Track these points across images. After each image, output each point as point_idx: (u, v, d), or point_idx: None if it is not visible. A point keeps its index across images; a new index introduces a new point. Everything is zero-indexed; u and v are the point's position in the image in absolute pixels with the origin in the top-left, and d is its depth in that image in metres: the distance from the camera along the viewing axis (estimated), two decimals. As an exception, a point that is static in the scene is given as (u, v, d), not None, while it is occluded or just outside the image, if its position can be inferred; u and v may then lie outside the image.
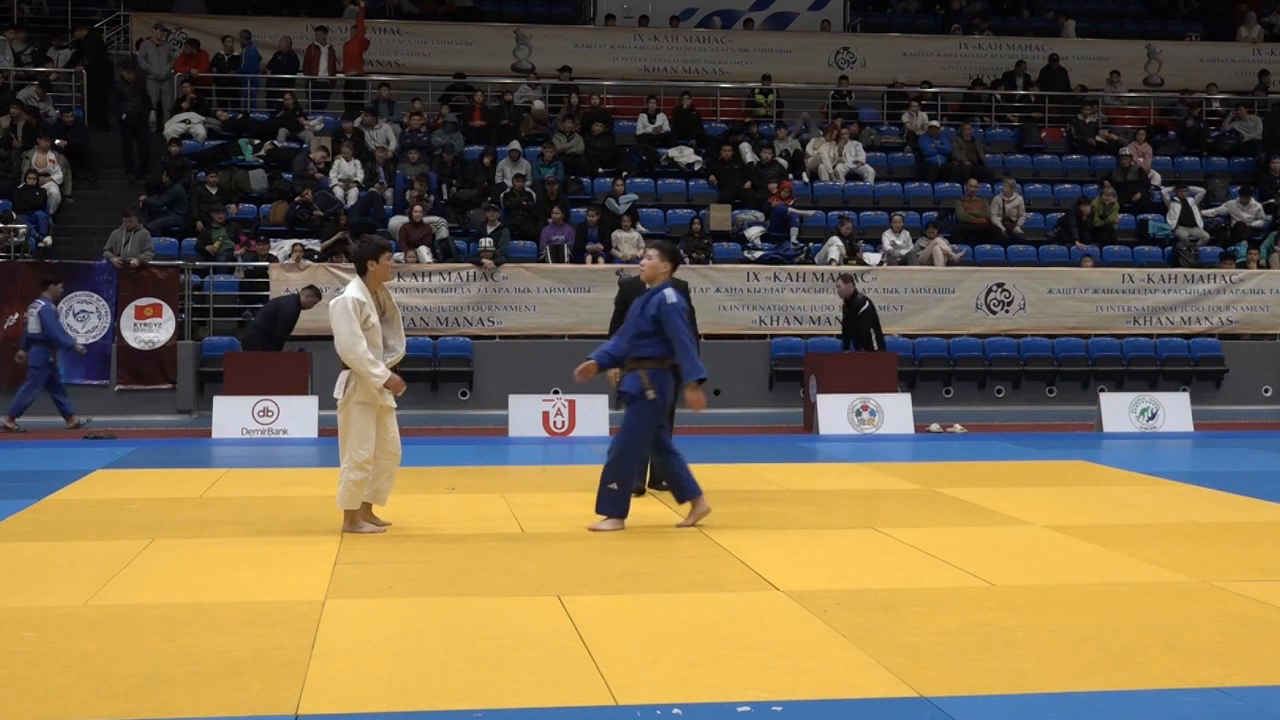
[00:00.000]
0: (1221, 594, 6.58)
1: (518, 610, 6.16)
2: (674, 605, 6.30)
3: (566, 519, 8.63)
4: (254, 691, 4.88)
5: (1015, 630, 5.82)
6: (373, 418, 8.21)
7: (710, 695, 4.86)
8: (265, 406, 14.82)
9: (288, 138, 20.43)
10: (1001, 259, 19.57)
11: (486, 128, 21.06)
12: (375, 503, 8.46)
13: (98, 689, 4.91)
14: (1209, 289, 19.08)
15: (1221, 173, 22.38)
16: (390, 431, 8.35)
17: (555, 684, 5.00)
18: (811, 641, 5.64)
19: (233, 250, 17.83)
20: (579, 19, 25.32)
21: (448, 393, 17.47)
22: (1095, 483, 11.12)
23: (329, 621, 5.93)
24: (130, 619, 6.00)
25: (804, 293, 18.28)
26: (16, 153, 19.14)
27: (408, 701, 4.78)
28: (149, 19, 22.38)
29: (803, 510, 9.36)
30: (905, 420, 15.60)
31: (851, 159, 21.44)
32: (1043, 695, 4.90)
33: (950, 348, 18.46)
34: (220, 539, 8.09)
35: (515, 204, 19.07)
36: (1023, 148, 22.81)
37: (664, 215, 20.01)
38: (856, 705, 4.81)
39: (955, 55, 24.79)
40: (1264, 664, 5.34)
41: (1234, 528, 8.67)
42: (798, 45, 24.46)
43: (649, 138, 21.57)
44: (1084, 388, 18.37)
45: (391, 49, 23.21)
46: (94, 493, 10.14)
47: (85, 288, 16.98)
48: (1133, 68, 24.69)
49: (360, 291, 8.14)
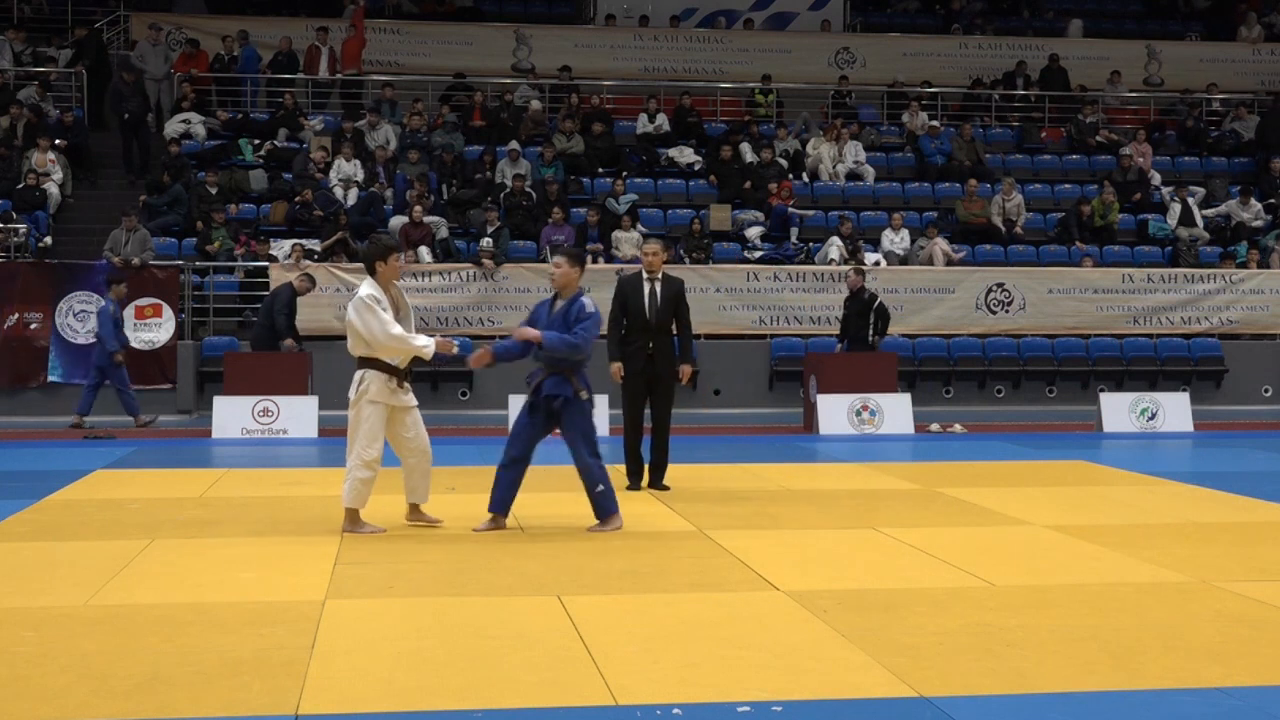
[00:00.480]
0: (1221, 594, 6.58)
1: (518, 610, 6.16)
2: (674, 605, 6.30)
3: (566, 519, 8.63)
4: (254, 691, 4.88)
5: (1015, 630, 5.82)
6: (382, 418, 8.20)
7: (710, 695, 4.86)
8: (265, 406, 14.82)
9: (288, 138, 20.44)
10: (1001, 259, 19.57)
11: (486, 128, 21.06)
12: (416, 501, 8.50)
13: (98, 689, 4.91)
14: (1209, 289, 19.08)
15: (1221, 173, 22.38)
16: (410, 430, 8.33)
17: (555, 684, 5.00)
18: (811, 641, 5.64)
19: (233, 250, 17.83)
20: (579, 19, 25.32)
21: (448, 393, 17.46)
22: (1095, 483, 11.12)
23: (329, 621, 5.93)
24: (130, 619, 5.99)
25: (804, 293, 18.28)
26: (17, 153, 19.14)
27: (408, 701, 4.78)
28: (149, 19, 22.38)
29: (803, 510, 9.35)
30: (905, 420, 15.59)
31: (851, 159, 21.44)
32: (1043, 695, 4.90)
33: (950, 348, 18.46)
34: (220, 539, 8.09)
35: (515, 204, 19.07)
36: (1023, 148, 22.81)
37: (664, 215, 20.01)
38: (856, 705, 4.81)
39: (955, 55, 24.79)
40: (1264, 664, 5.35)
41: (1234, 528, 8.67)
42: (798, 45, 24.46)
43: (649, 138, 21.58)
44: (1084, 388, 18.37)
45: (391, 49, 23.22)
46: (94, 493, 10.13)
47: (85, 288, 16.98)
48: (1133, 68, 24.69)
49: (373, 289, 8.18)
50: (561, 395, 8.25)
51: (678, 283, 10.47)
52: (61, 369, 16.86)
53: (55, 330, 16.91)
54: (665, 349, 10.28)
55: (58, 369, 16.86)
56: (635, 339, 10.24)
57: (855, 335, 15.94)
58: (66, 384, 16.78)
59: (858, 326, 15.90)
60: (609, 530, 8.34)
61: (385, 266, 8.24)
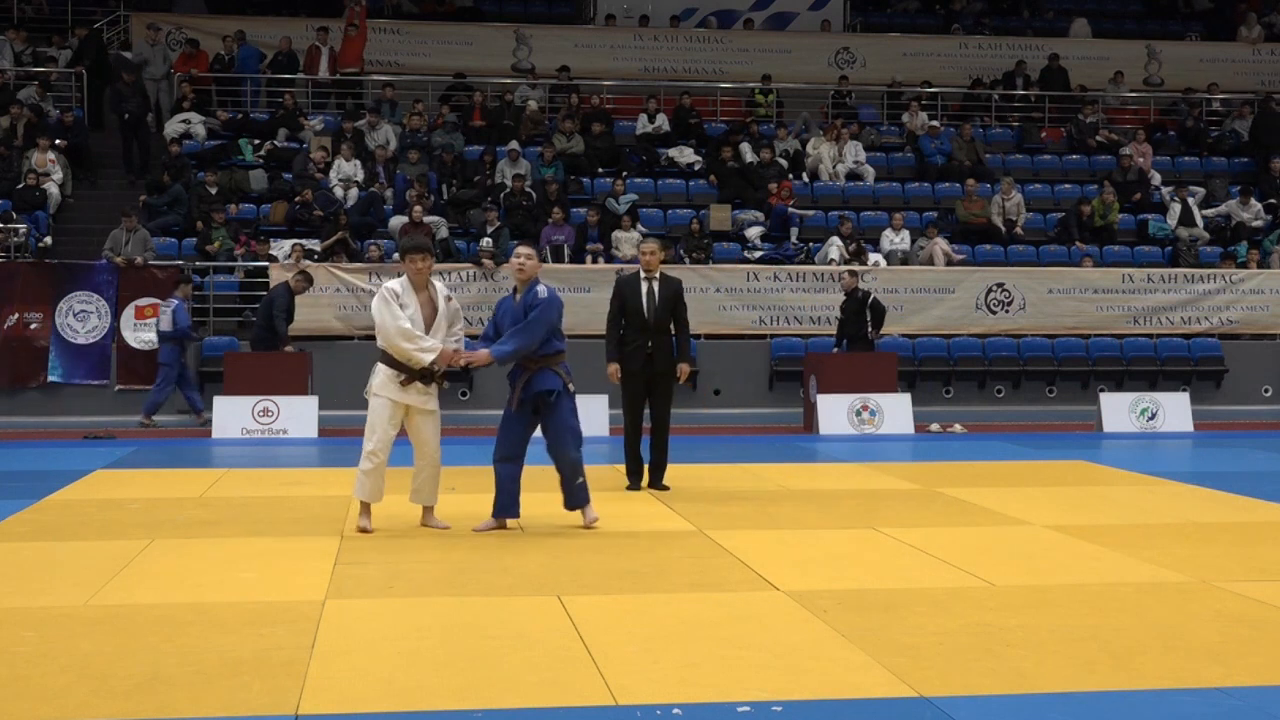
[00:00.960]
0: (1221, 594, 6.58)
1: (518, 610, 6.16)
2: (674, 605, 6.30)
3: (567, 519, 8.62)
4: (254, 691, 4.88)
5: (1015, 630, 5.82)
6: (386, 412, 8.16)
7: (710, 695, 4.86)
8: (265, 406, 14.82)
9: (288, 138, 20.43)
10: (1001, 259, 19.56)
11: (486, 128, 21.05)
12: (418, 503, 8.46)
13: (98, 689, 4.91)
14: (1209, 289, 19.07)
15: (1221, 173, 22.38)
16: (420, 435, 8.27)
17: (555, 684, 5.00)
18: (811, 641, 5.64)
19: (233, 250, 17.82)
20: (579, 19, 25.31)
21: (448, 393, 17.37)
22: (1095, 483, 11.12)
23: (329, 621, 5.93)
24: (130, 619, 6.00)
25: (804, 293, 18.28)
26: (17, 153, 19.13)
27: (408, 701, 4.78)
28: (149, 19, 22.37)
29: (803, 510, 9.35)
30: (905, 420, 15.60)
31: (851, 159, 21.43)
32: (1043, 695, 4.90)
33: (950, 348, 18.45)
34: (220, 539, 8.09)
35: (515, 204, 19.07)
36: (1023, 148, 22.80)
37: (664, 215, 20.00)
38: (856, 705, 4.81)
39: (955, 55, 24.78)
40: (1264, 664, 5.35)
41: (1234, 528, 8.67)
42: (798, 45, 24.44)
43: (649, 138, 21.57)
44: (1084, 388, 18.36)
45: (391, 49, 23.21)
46: (94, 493, 10.14)
47: (85, 288, 16.98)
48: (1133, 68, 24.67)
49: (397, 283, 8.16)
50: (555, 390, 8.27)
51: (676, 282, 10.48)
52: (61, 369, 16.86)
53: (55, 330, 16.90)
54: (664, 349, 10.28)
55: (58, 369, 16.85)
56: (634, 339, 10.24)
57: (854, 335, 15.99)
58: (66, 384, 16.79)
59: (855, 326, 15.94)
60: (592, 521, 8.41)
61: (404, 264, 8.21)
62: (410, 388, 8.14)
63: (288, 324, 15.48)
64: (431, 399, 8.25)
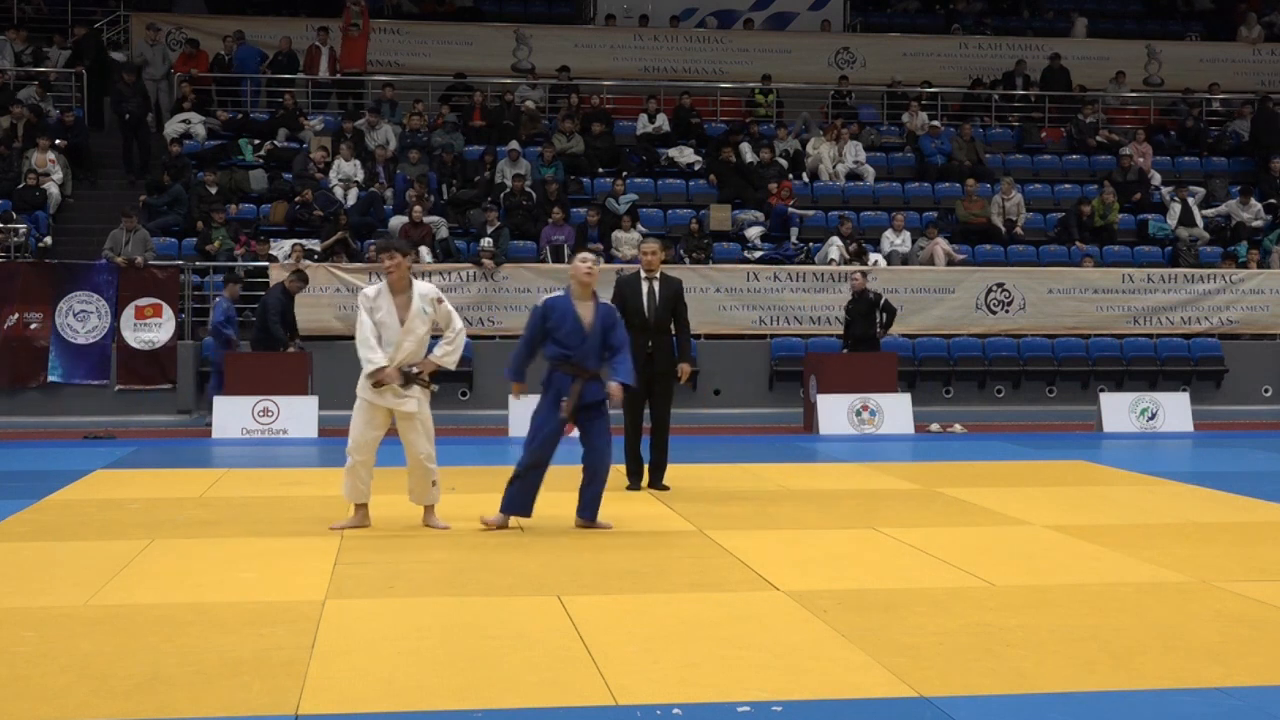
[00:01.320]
0: (1221, 594, 6.58)
1: (518, 610, 6.16)
2: (674, 605, 6.30)
3: (566, 519, 8.63)
4: (254, 691, 4.88)
5: (1015, 630, 5.82)
6: (367, 412, 8.26)
7: (710, 695, 4.86)
8: (265, 406, 14.82)
9: (288, 138, 20.43)
10: (1001, 259, 19.56)
11: (486, 128, 21.05)
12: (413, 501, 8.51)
13: (98, 689, 4.91)
14: (1209, 289, 19.07)
15: (1221, 173, 22.37)
16: (406, 435, 8.33)
17: (555, 684, 5.00)
18: (811, 641, 5.64)
19: (233, 250, 17.82)
20: (579, 19, 25.31)
21: (448, 393, 17.42)
22: (1095, 483, 11.12)
23: (329, 621, 5.94)
24: (130, 619, 6.00)
25: (804, 293, 18.27)
26: (16, 153, 19.13)
27: (408, 701, 4.78)
28: (148, 19, 22.37)
29: (803, 510, 9.35)
30: (905, 420, 15.60)
31: (851, 159, 21.43)
32: (1043, 695, 4.90)
33: (950, 348, 18.45)
34: (220, 539, 8.09)
35: (515, 204, 19.06)
36: (1023, 148, 22.79)
37: (664, 215, 20.00)
38: (856, 705, 4.81)
39: (955, 55, 24.77)
40: (1264, 664, 5.35)
41: (1234, 528, 8.67)
42: (798, 45, 24.44)
43: (649, 138, 21.57)
44: (1084, 388, 18.36)
45: (391, 49, 23.20)
46: (94, 493, 10.14)
47: (85, 288, 16.97)
48: (1133, 68, 24.66)
49: (373, 288, 8.25)
50: (603, 400, 8.44)
51: (676, 282, 10.48)
52: (61, 369, 16.85)
53: (55, 330, 16.89)
54: (664, 349, 10.29)
55: (58, 369, 16.84)
56: (634, 339, 10.22)
57: (861, 335, 15.98)
58: (66, 384, 16.78)
59: (864, 327, 15.94)
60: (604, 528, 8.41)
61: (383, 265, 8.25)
62: (386, 390, 8.17)
63: (285, 326, 15.47)
64: (409, 401, 8.26)
